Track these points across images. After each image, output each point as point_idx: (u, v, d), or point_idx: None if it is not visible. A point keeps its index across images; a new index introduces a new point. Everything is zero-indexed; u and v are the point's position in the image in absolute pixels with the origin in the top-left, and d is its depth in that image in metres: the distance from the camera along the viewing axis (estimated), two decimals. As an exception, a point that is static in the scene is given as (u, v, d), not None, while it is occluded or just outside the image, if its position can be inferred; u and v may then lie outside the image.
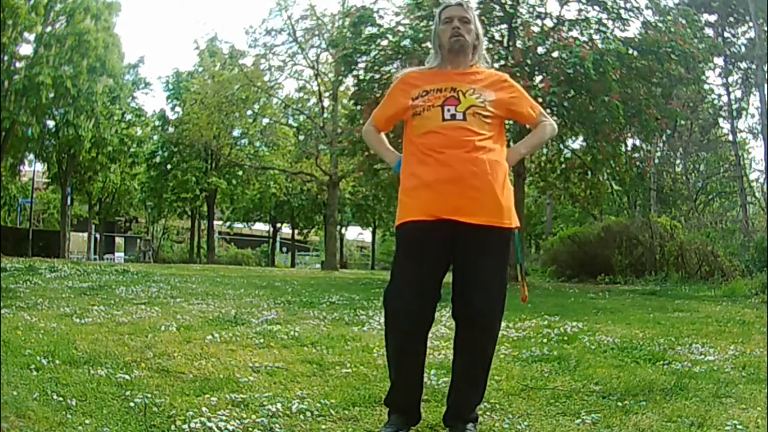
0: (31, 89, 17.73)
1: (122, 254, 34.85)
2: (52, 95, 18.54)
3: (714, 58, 16.18)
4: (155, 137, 29.76)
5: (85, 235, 31.42)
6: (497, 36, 12.91)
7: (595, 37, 12.08)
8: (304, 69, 24.55)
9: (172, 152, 28.74)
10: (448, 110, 2.26)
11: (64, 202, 25.07)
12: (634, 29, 13.06)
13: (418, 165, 2.28)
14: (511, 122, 12.84)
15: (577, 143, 14.43)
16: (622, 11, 12.21)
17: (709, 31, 16.48)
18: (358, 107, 13.66)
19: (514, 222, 2.28)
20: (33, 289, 7.21)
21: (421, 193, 2.24)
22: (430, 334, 2.39)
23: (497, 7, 12.20)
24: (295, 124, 26.85)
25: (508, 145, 2.47)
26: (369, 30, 13.00)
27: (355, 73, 13.45)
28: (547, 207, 25.94)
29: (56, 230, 27.67)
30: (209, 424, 2.31)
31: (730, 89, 20.26)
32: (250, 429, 2.32)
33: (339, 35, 15.99)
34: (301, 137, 26.32)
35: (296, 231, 36.80)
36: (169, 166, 28.82)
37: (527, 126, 2.62)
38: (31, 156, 24.58)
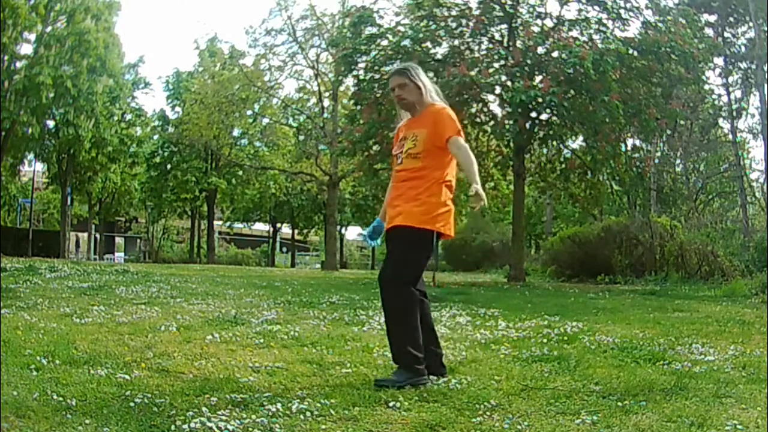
0: (31, 89, 17.71)
1: (122, 254, 34.86)
2: (52, 95, 18.52)
3: (714, 58, 16.16)
4: (155, 137, 29.76)
5: (86, 235, 31.44)
6: (497, 36, 12.91)
7: (595, 37, 12.09)
8: (304, 69, 24.57)
9: (172, 152, 28.76)
10: (398, 157, 3.24)
11: (64, 202, 25.08)
12: (634, 29, 13.09)
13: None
14: (511, 122, 12.76)
15: (577, 143, 14.44)
16: (622, 11, 12.22)
17: (709, 31, 16.47)
18: (358, 107, 13.64)
19: (419, 224, 3.05)
20: (33, 289, 7.21)
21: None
22: None
23: (497, 7, 12.19)
24: (295, 124, 26.83)
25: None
26: (369, 30, 12.99)
27: (355, 73, 13.44)
28: (547, 207, 25.92)
29: (56, 230, 27.66)
30: (209, 424, 2.31)
31: (730, 89, 20.21)
32: (250, 429, 2.31)
33: (339, 35, 15.97)
34: (301, 137, 26.30)
35: (296, 231, 36.79)
36: (169, 166, 28.83)
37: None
38: (31, 156, 24.60)
